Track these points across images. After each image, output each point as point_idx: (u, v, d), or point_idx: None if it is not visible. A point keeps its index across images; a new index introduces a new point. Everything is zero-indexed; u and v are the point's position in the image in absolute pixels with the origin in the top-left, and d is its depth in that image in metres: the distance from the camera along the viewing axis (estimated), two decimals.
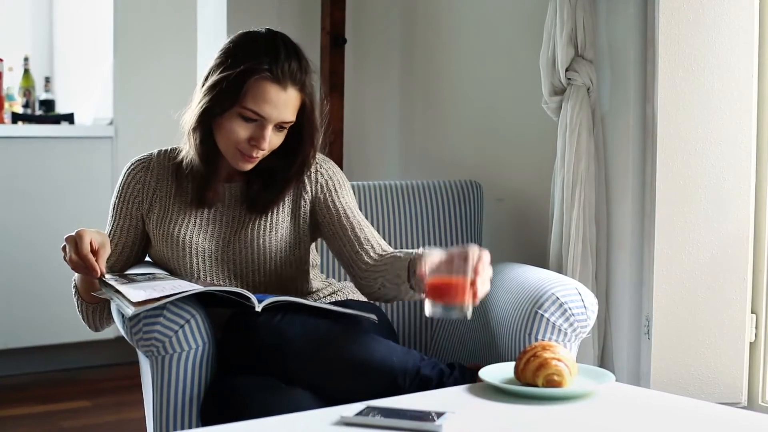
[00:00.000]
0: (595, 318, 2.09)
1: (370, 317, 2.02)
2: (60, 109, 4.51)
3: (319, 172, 2.15)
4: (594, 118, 2.48)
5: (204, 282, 2.07)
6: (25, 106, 4.44)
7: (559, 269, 2.46)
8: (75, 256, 1.91)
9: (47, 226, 3.94)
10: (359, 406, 1.65)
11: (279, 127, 2.02)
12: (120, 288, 1.90)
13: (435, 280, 1.68)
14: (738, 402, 2.38)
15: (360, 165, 3.37)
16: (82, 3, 4.58)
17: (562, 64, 2.45)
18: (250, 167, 2.05)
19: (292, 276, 2.13)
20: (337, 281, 2.31)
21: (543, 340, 2.00)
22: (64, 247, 1.94)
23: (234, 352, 1.95)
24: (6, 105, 4.22)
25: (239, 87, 1.97)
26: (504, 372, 1.83)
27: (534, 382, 1.74)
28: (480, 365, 1.93)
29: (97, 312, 2.12)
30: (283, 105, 1.99)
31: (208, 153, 2.05)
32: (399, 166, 3.28)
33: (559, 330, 2.02)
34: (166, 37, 4.21)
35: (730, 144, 2.36)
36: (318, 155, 2.14)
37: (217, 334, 1.99)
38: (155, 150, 2.16)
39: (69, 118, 4.23)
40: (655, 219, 2.36)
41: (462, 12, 3.03)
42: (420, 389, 1.88)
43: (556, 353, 1.75)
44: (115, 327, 2.07)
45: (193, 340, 1.92)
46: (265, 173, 2.09)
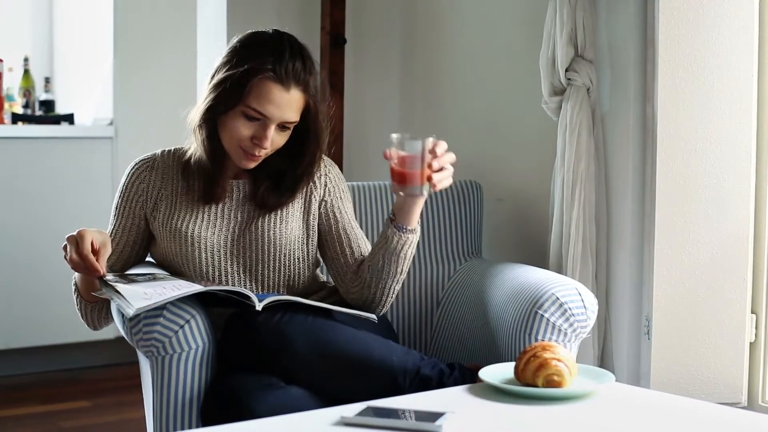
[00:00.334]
0: (595, 318, 2.09)
1: (370, 317, 2.02)
2: (60, 110, 4.50)
3: (328, 176, 2.17)
4: (594, 118, 2.48)
5: (206, 281, 2.08)
6: (25, 106, 4.44)
7: (559, 269, 2.46)
8: (76, 255, 1.92)
9: (47, 226, 3.94)
10: (359, 406, 1.65)
11: (282, 127, 2.03)
12: (120, 288, 1.91)
13: (395, 163, 1.94)
14: (738, 402, 2.38)
15: (360, 165, 3.36)
16: (82, 3, 4.58)
17: (562, 64, 2.45)
18: (252, 165, 2.06)
19: (300, 271, 2.14)
20: None
21: (543, 340, 2.01)
22: (65, 247, 1.94)
23: (234, 352, 1.95)
24: (6, 105, 4.22)
25: (243, 86, 1.98)
26: (504, 372, 1.83)
27: (534, 382, 1.74)
28: (480, 365, 1.93)
29: (96, 311, 2.12)
30: (286, 105, 2.00)
31: (214, 149, 2.06)
32: None
33: (559, 330, 2.02)
34: (166, 37, 4.21)
35: (730, 144, 2.36)
36: (324, 158, 2.16)
37: (217, 334, 2.00)
38: (158, 150, 2.17)
39: (69, 118, 4.23)
40: (655, 219, 2.36)
41: (462, 12, 3.03)
42: (420, 389, 1.88)
43: (556, 353, 1.75)
44: (115, 327, 2.07)
45: (193, 340, 1.92)
46: (273, 174, 2.10)
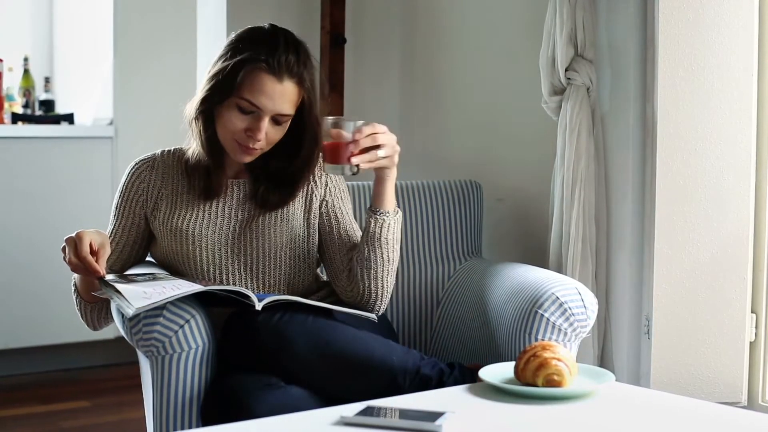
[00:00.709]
0: (595, 318, 2.09)
1: (370, 317, 2.02)
2: (60, 110, 4.50)
3: (329, 176, 2.16)
4: (594, 117, 2.48)
5: (206, 281, 2.08)
6: (25, 106, 4.44)
7: (559, 269, 2.46)
8: (74, 257, 1.92)
9: (47, 226, 3.94)
10: (359, 406, 1.65)
11: (276, 121, 2.02)
12: (120, 288, 1.91)
13: (325, 143, 1.98)
14: (738, 402, 2.38)
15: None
16: (82, 3, 4.58)
17: (561, 63, 2.45)
18: (249, 159, 2.05)
19: (300, 270, 2.13)
20: None
21: (543, 339, 2.01)
22: (63, 248, 1.94)
23: (234, 351, 1.95)
24: (6, 105, 4.22)
25: (236, 77, 1.98)
26: (504, 372, 1.83)
27: (534, 382, 1.74)
28: (480, 365, 1.93)
29: (96, 311, 2.12)
30: (279, 97, 1.99)
31: (211, 142, 2.06)
32: (399, 165, 3.27)
33: (559, 330, 2.02)
34: (166, 37, 4.21)
35: (730, 143, 2.36)
36: None
37: (217, 334, 2.00)
38: (158, 150, 2.17)
39: (69, 118, 4.23)
40: (655, 219, 2.36)
41: (462, 12, 3.03)
42: (420, 389, 1.88)
43: (556, 353, 1.75)
44: (115, 327, 2.07)
45: (193, 340, 1.92)
46: (273, 173, 2.10)
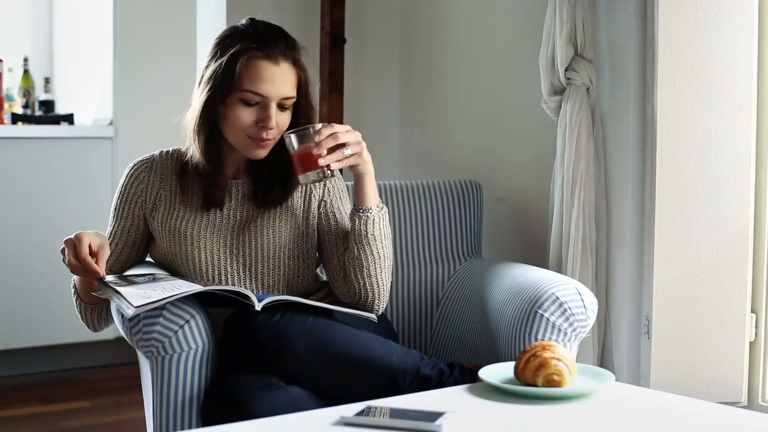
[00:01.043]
0: (595, 318, 2.09)
1: (370, 317, 2.02)
2: (60, 110, 4.50)
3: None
4: (594, 117, 2.48)
5: (205, 281, 2.08)
6: (25, 106, 4.44)
7: (559, 269, 2.46)
8: (73, 259, 1.92)
9: (47, 226, 3.94)
10: (359, 406, 1.65)
11: (281, 106, 2.03)
12: (120, 289, 1.90)
13: (291, 155, 1.99)
14: (738, 401, 2.38)
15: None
16: (82, 3, 4.58)
17: (561, 63, 2.45)
18: (264, 153, 2.05)
19: (300, 270, 2.13)
20: None
21: (543, 339, 2.01)
22: (62, 250, 1.94)
23: (234, 351, 1.95)
24: (6, 105, 4.22)
25: (233, 70, 1.99)
26: (504, 372, 1.83)
27: (534, 381, 1.74)
28: (480, 365, 1.93)
29: (96, 313, 2.12)
30: (279, 80, 2.00)
31: (212, 151, 2.05)
32: (399, 166, 3.28)
33: (559, 330, 2.02)
34: (165, 38, 4.21)
35: (729, 143, 2.36)
36: None
37: (217, 334, 2.00)
38: (156, 151, 2.16)
39: (69, 118, 4.23)
40: (655, 218, 2.36)
41: (462, 12, 3.03)
42: (420, 389, 1.88)
43: (555, 353, 1.75)
44: (115, 327, 2.07)
45: (193, 340, 1.92)
46: (272, 171, 2.09)
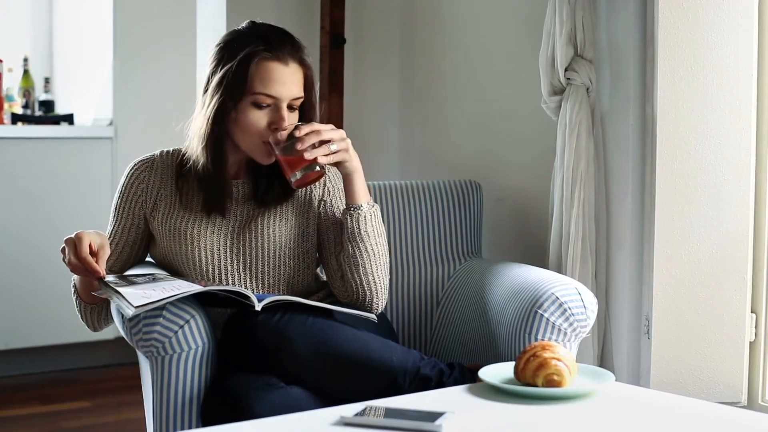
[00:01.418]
0: (595, 318, 2.09)
1: (370, 317, 2.02)
2: (60, 110, 4.50)
3: (327, 176, 2.16)
4: (593, 117, 2.48)
5: (205, 281, 2.08)
6: (25, 106, 4.44)
7: (559, 269, 2.46)
8: (74, 258, 1.92)
9: (47, 226, 3.94)
10: (359, 406, 1.65)
11: (291, 107, 2.04)
12: (120, 289, 1.90)
13: (278, 158, 2.01)
14: (738, 401, 2.38)
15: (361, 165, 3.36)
16: (82, 3, 4.57)
17: (561, 63, 2.45)
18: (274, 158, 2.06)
19: (300, 270, 2.13)
20: None
21: (543, 339, 2.01)
22: (63, 249, 1.94)
23: (233, 351, 1.95)
24: (6, 106, 4.21)
25: (244, 74, 1.99)
26: (504, 372, 1.83)
27: (534, 382, 1.74)
28: (480, 365, 1.93)
29: (96, 312, 2.12)
30: (290, 80, 2.01)
31: (220, 158, 2.05)
32: (398, 166, 3.28)
33: (559, 330, 2.02)
34: (165, 38, 4.21)
35: (729, 143, 2.36)
36: None
37: (217, 334, 2.00)
38: (157, 151, 2.16)
39: (69, 118, 4.23)
40: (655, 218, 2.36)
41: (462, 12, 3.03)
42: (419, 389, 1.88)
43: (555, 353, 1.75)
44: (115, 327, 2.07)
45: (193, 340, 1.92)
46: (270, 168, 2.09)
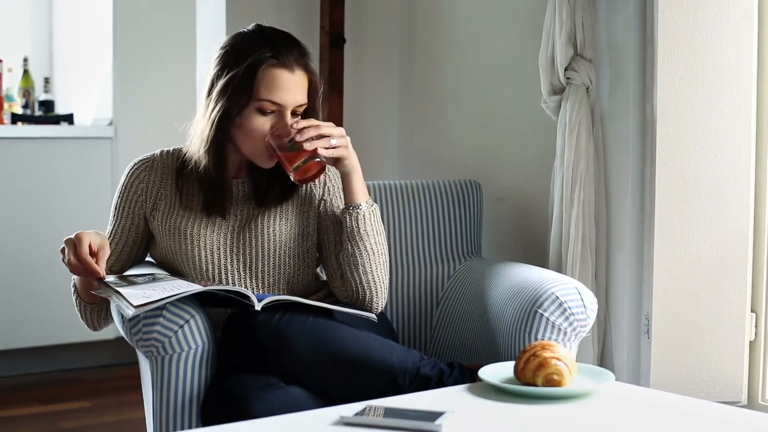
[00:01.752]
0: (595, 317, 2.09)
1: (369, 316, 2.02)
2: (59, 110, 4.50)
3: (327, 175, 2.16)
4: (593, 117, 2.48)
5: (205, 281, 2.08)
6: (25, 106, 4.44)
7: (559, 268, 2.46)
8: (73, 259, 1.92)
9: (47, 226, 3.94)
10: (359, 405, 1.65)
11: (294, 113, 2.04)
12: (120, 289, 1.90)
13: (279, 155, 2.01)
14: (738, 401, 2.38)
15: (360, 165, 3.36)
16: (82, 3, 4.57)
17: (561, 63, 2.45)
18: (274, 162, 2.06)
19: (300, 269, 2.13)
20: None
21: (543, 339, 2.01)
22: (62, 250, 1.94)
23: (233, 351, 1.95)
24: (5, 106, 4.21)
25: (251, 80, 1.99)
26: (504, 371, 1.83)
27: (534, 381, 1.74)
28: (480, 365, 1.93)
29: (96, 312, 2.12)
30: (295, 87, 2.01)
31: (222, 161, 2.05)
32: (398, 165, 3.28)
33: (559, 329, 2.02)
34: (165, 38, 4.21)
35: (729, 143, 2.36)
36: None
37: (217, 334, 2.00)
38: (157, 150, 2.16)
39: (68, 118, 4.23)
40: (655, 218, 2.36)
41: (462, 12, 3.03)
42: (419, 389, 1.88)
43: (555, 352, 1.75)
44: (115, 327, 2.07)
45: (193, 340, 1.92)
46: (272, 170, 2.09)
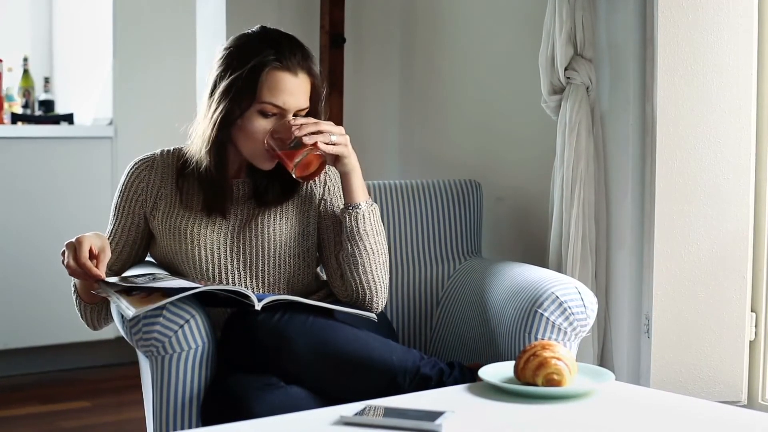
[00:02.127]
0: (595, 317, 2.09)
1: (370, 316, 2.02)
2: (59, 110, 4.50)
3: (327, 175, 2.16)
4: (593, 117, 2.48)
5: (206, 281, 2.08)
6: (25, 106, 4.44)
7: (559, 268, 2.46)
8: (73, 262, 1.92)
9: (47, 226, 3.94)
10: (359, 405, 1.65)
11: (296, 117, 2.04)
12: (120, 290, 1.90)
13: (278, 153, 2.02)
14: (738, 401, 2.38)
15: (359, 164, 3.36)
16: (82, 3, 4.57)
17: (561, 63, 2.45)
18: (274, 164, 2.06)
19: (300, 269, 2.13)
20: None
21: (543, 339, 2.01)
22: (63, 253, 1.94)
23: (233, 351, 1.95)
24: (5, 105, 4.21)
25: (254, 82, 1.98)
26: (504, 371, 1.83)
27: (534, 381, 1.74)
28: (480, 364, 1.93)
29: (96, 312, 2.12)
30: (297, 91, 2.01)
31: (223, 161, 2.05)
32: (398, 165, 3.28)
33: (559, 329, 2.02)
34: (165, 38, 4.21)
35: (729, 142, 2.36)
36: None
37: (217, 334, 2.00)
38: (157, 150, 2.16)
39: (68, 118, 4.23)
40: (655, 218, 2.36)
41: (462, 11, 3.03)
42: (419, 388, 1.88)
43: (555, 352, 1.75)
44: (115, 327, 2.07)
45: (193, 340, 1.92)
46: (273, 170, 2.09)
